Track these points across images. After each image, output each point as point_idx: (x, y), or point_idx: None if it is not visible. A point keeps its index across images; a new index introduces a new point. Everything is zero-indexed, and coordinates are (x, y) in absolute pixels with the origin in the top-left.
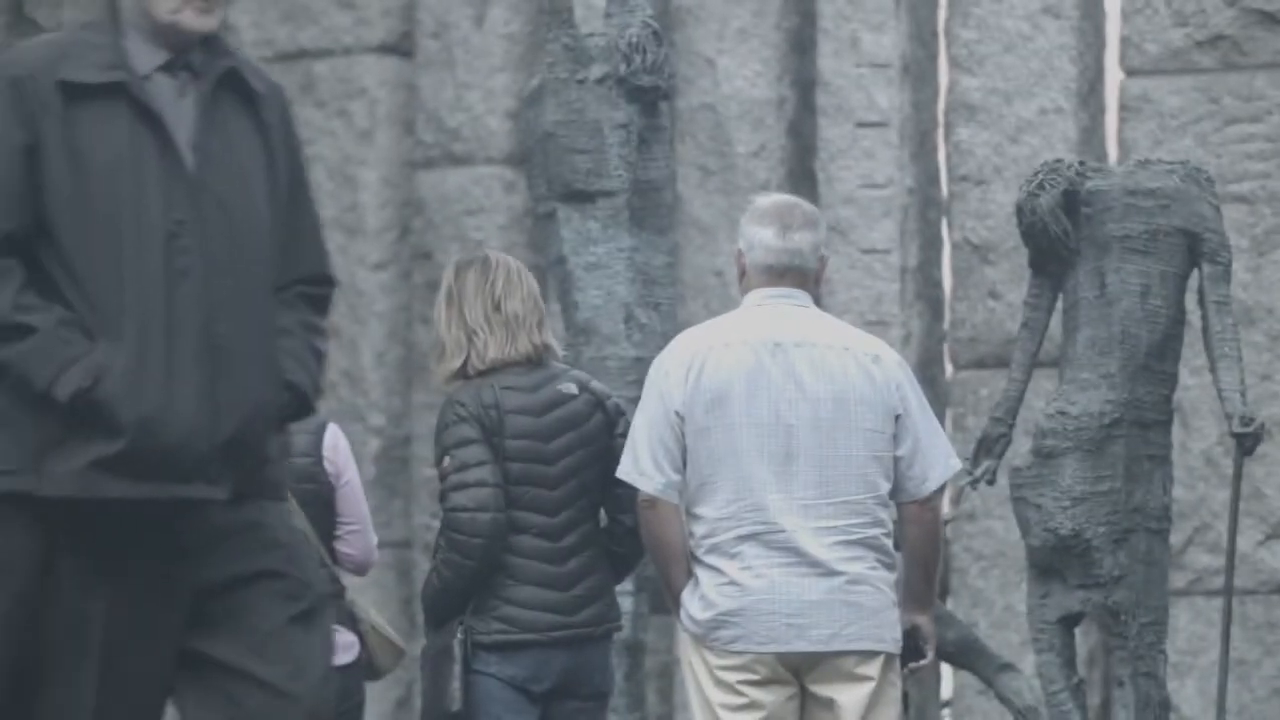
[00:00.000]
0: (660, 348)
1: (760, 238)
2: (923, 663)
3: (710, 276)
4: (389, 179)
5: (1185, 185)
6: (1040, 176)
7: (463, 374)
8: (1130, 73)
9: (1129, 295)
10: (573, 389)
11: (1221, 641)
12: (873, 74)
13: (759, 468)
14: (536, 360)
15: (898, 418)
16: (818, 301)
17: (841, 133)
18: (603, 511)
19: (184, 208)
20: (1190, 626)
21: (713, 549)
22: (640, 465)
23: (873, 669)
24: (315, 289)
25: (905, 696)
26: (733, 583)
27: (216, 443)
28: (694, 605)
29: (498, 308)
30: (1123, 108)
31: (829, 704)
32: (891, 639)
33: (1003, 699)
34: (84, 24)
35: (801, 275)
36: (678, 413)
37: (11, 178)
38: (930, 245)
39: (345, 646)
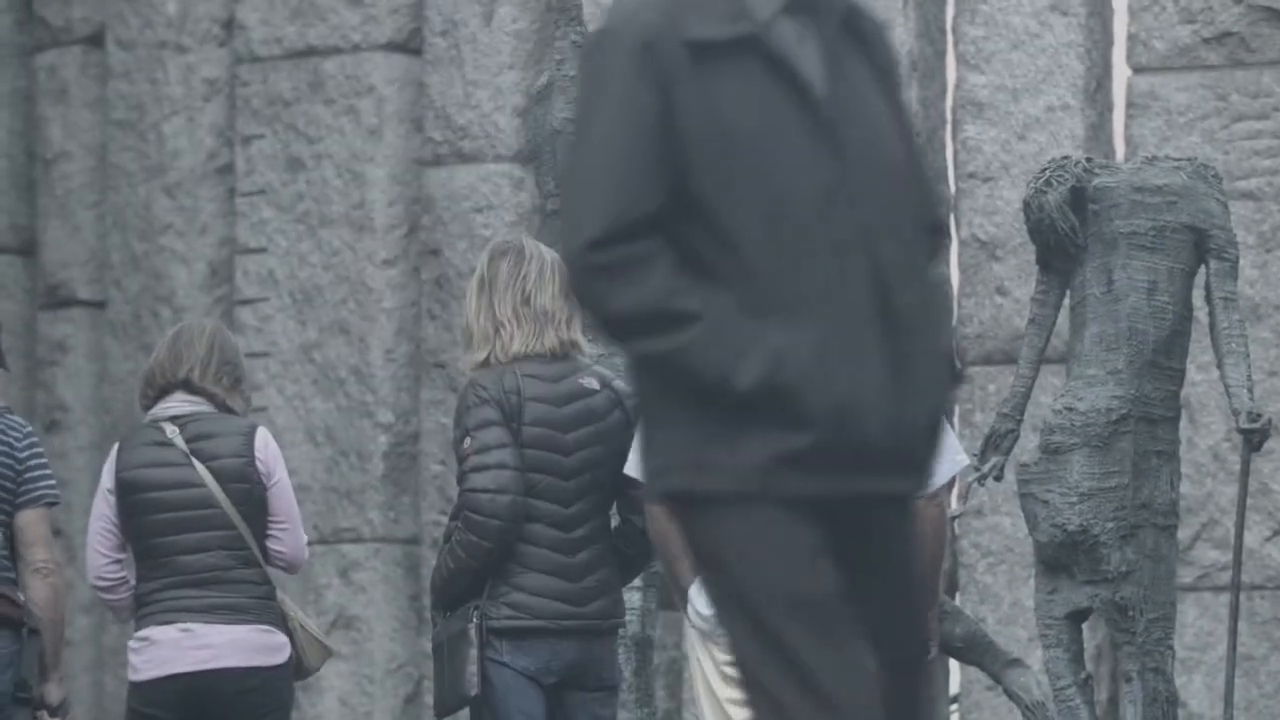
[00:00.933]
0: None
1: None
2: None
3: None
4: (397, 176)
5: (1192, 182)
6: (1047, 173)
7: (486, 365)
8: (1137, 69)
9: (1136, 291)
10: (594, 384)
11: (1229, 637)
12: None
13: None
14: (562, 355)
15: None
16: None
17: None
18: (615, 511)
19: (831, 168)
20: (1198, 622)
21: None
22: None
23: None
24: (936, 239)
25: None
26: None
27: (911, 427)
28: (701, 601)
29: (528, 301)
30: (1130, 104)
31: None
32: None
33: (1010, 694)
34: None
35: None
36: None
37: (650, 152)
38: None
39: (277, 647)
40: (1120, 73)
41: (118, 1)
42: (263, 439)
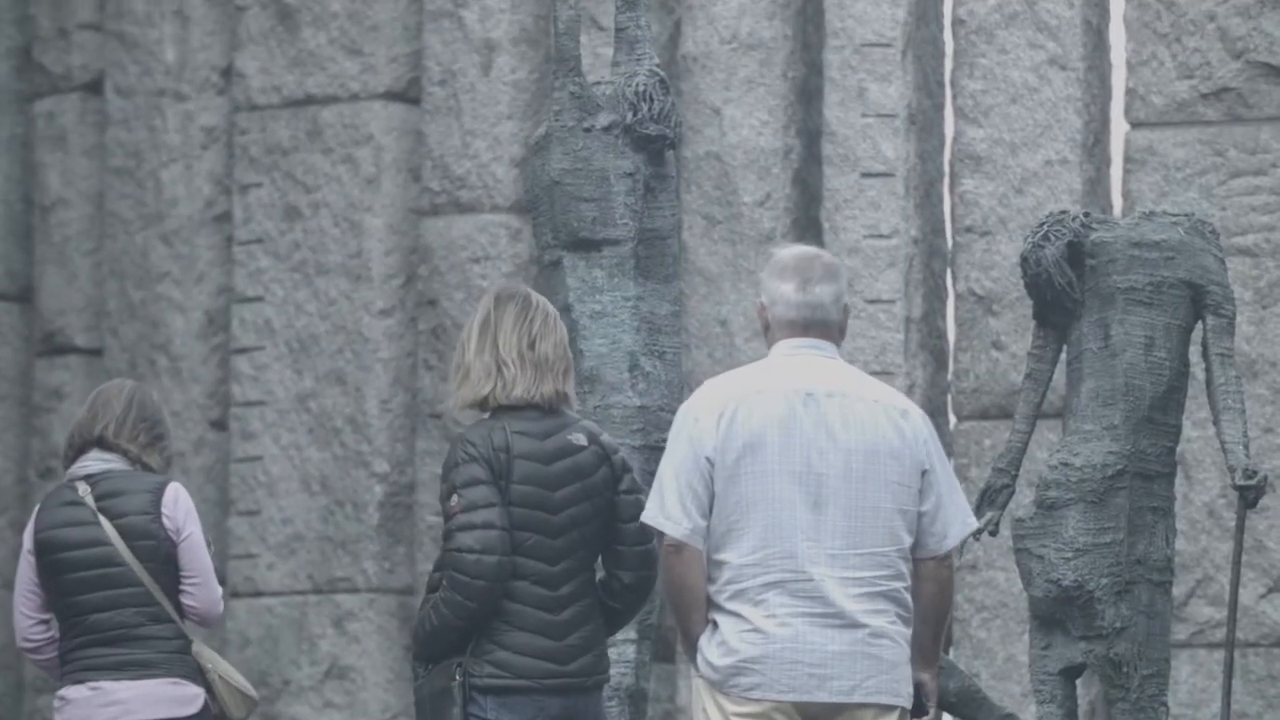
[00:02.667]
0: (665, 397)
1: (781, 292)
2: (925, 718)
3: (715, 325)
4: (395, 226)
5: (1190, 237)
6: (1045, 228)
7: (483, 404)
8: (1135, 125)
9: (1133, 347)
10: (582, 440)
11: (1223, 694)
12: (879, 124)
13: (789, 515)
14: (554, 407)
15: (924, 473)
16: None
17: (847, 182)
18: (601, 566)
19: None
20: (1192, 679)
21: (737, 594)
22: (667, 510)
23: None
24: None
25: None
26: (756, 629)
27: None
28: (713, 651)
29: (532, 346)
30: (1128, 159)
31: None
32: (906, 693)
33: None
34: None
35: (825, 327)
36: (708, 458)
37: None
38: (934, 296)
39: (189, 699)
40: (1119, 128)
41: (117, 49)
42: (172, 495)
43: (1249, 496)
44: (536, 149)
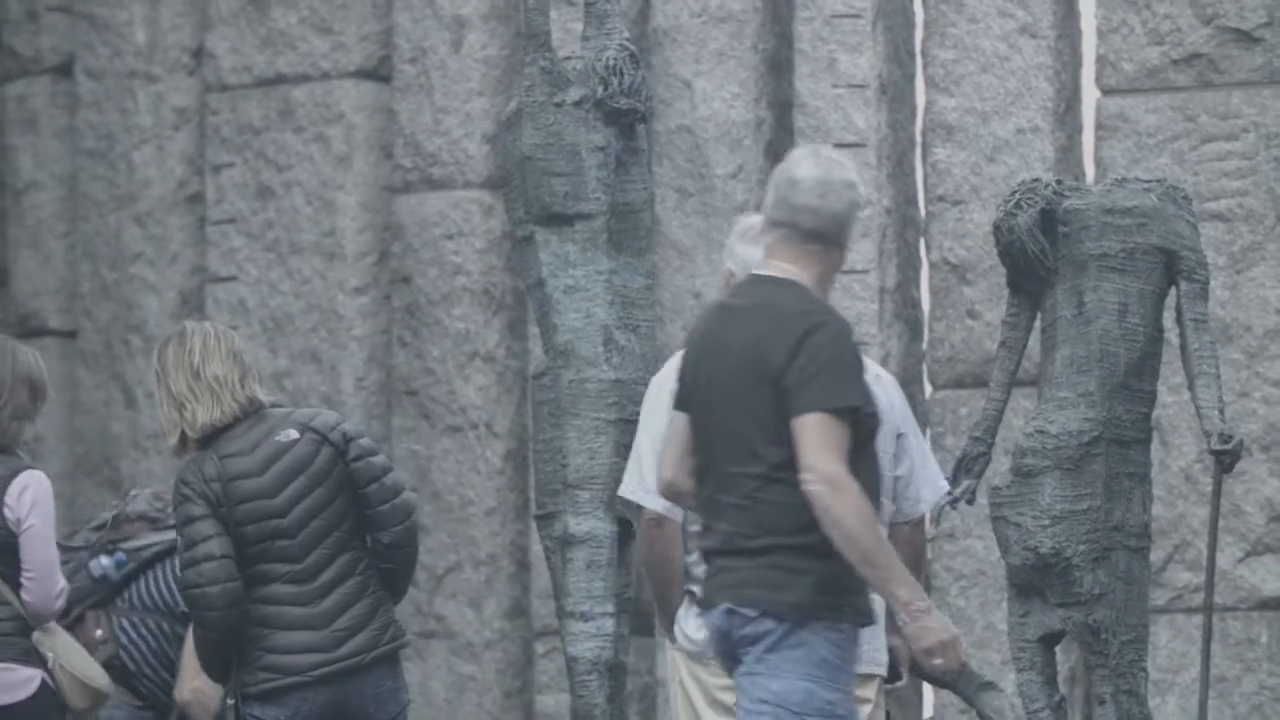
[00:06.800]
0: (639, 370)
1: (753, 256)
2: (899, 684)
3: (689, 298)
4: (367, 203)
5: (1162, 203)
6: (1017, 196)
7: (184, 446)
8: (1107, 91)
9: (1107, 314)
10: (293, 433)
11: (1202, 659)
12: (850, 95)
13: None
14: (249, 415)
15: (899, 437)
16: None
17: None
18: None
19: None
20: (1171, 644)
21: None
22: (646, 484)
23: (870, 691)
24: None
25: (888, 717)
26: None
27: None
28: (690, 624)
29: (198, 375)
30: (1099, 126)
31: None
32: (882, 661)
33: (984, 718)
34: None
35: None
36: None
37: None
38: (908, 265)
39: (18, 684)
40: (1090, 95)
41: (87, 31)
42: (19, 485)
43: (1225, 461)
44: (507, 125)
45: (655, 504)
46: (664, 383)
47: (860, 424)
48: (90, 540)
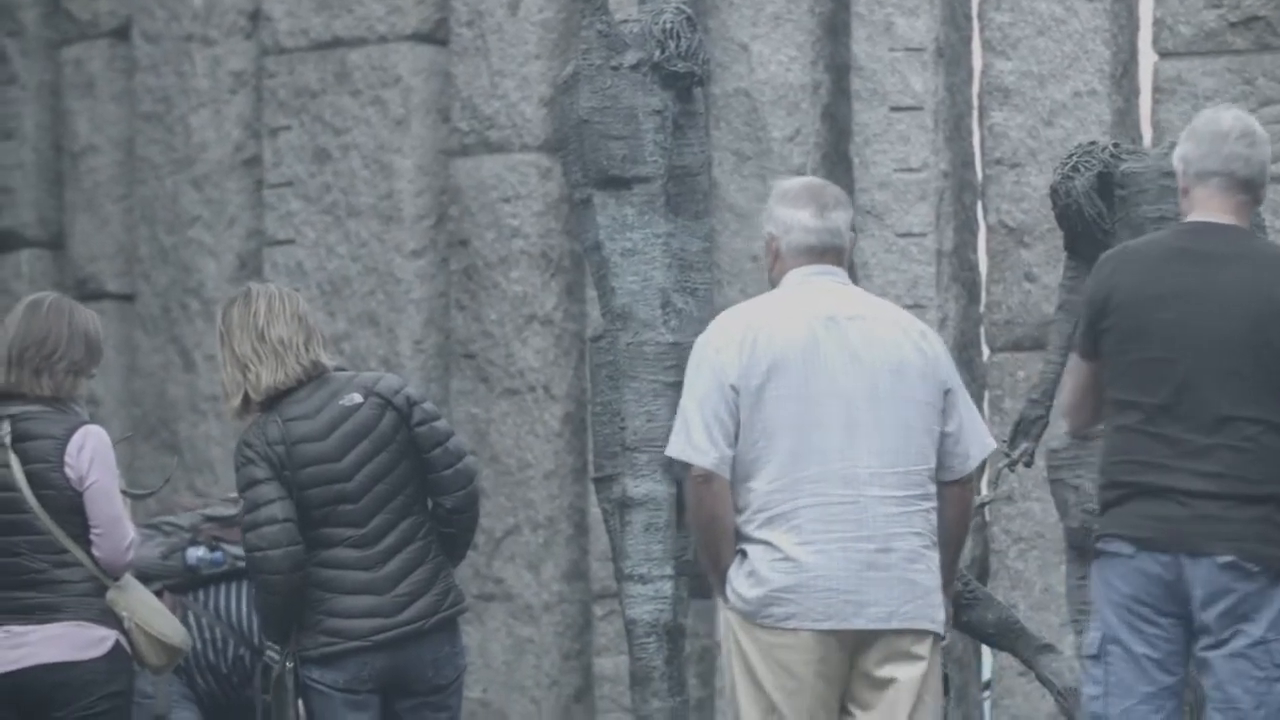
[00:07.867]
0: (697, 333)
1: (798, 219)
2: (943, 642)
3: (747, 261)
4: (425, 167)
5: None
6: (1075, 159)
7: (246, 408)
8: (1164, 54)
9: None
10: (356, 398)
11: None
12: (907, 58)
13: (820, 438)
14: (313, 379)
15: (947, 392)
16: (853, 279)
17: (876, 117)
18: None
19: None
20: None
21: (766, 522)
22: (694, 441)
23: (925, 648)
24: None
25: (946, 679)
26: (787, 558)
27: None
28: (742, 583)
29: (262, 337)
30: (1156, 89)
31: (886, 683)
32: (940, 619)
33: (1043, 680)
34: None
35: (839, 253)
36: (733, 386)
37: None
38: (965, 228)
39: (95, 641)
40: (1147, 58)
41: None
42: (78, 441)
43: None
44: (565, 88)
45: (704, 460)
46: (707, 344)
47: None
48: (198, 524)
